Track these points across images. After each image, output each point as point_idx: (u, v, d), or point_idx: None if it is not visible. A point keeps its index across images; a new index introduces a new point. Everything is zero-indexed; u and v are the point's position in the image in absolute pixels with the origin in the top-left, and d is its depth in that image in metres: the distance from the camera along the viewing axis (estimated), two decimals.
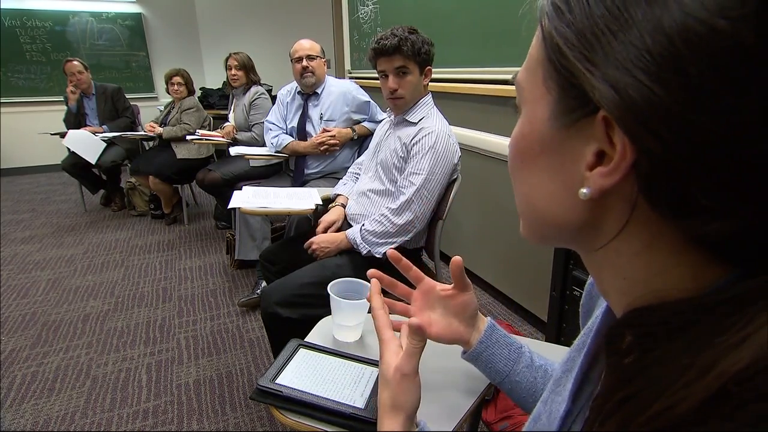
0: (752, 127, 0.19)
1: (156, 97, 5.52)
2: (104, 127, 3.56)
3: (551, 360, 0.65)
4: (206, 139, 3.02)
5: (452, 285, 0.66)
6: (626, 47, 0.22)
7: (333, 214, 1.51)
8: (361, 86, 2.25)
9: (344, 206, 1.56)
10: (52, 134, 3.58)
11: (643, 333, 0.25)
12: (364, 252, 1.35)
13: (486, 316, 0.68)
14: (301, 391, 0.72)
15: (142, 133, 3.50)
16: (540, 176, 0.30)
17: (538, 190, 0.30)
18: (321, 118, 2.16)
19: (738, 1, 0.19)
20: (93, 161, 3.33)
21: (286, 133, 2.26)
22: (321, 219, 1.51)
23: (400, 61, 1.32)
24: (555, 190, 0.29)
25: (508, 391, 0.64)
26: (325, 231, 1.46)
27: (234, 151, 2.55)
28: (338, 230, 1.47)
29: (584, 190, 0.26)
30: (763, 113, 0.19)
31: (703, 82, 0.19)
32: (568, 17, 0.24)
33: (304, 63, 2.08)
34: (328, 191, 1.73)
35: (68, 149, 3.32)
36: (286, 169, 2.45)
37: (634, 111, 0.21)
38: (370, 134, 2.17)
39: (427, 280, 0.68)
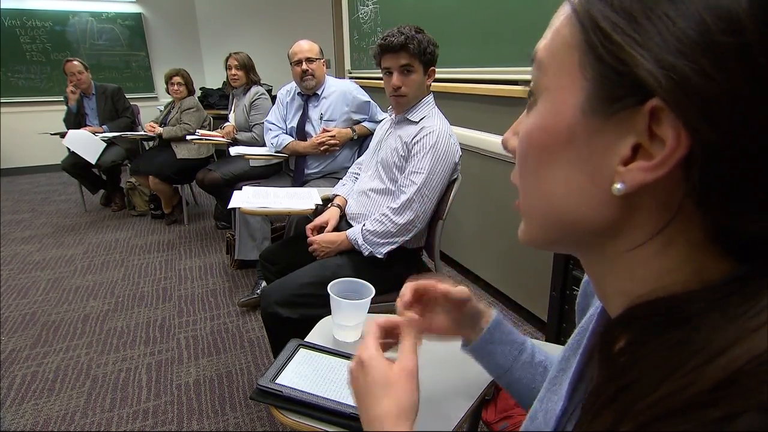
0: None
1: (156, 97, 5.52)
2: (104, 127, 3.56)
3: (552, 355, 0.63)
4: (206, 139, 3.02)
5: (450, 290, 0.60)
6: (685, 31, 0.20)
7: (325, 215, 1.51)
8: (361, 86, 2.25)
9: (340, 207, 1.56)
10: (52, 134, 3.58)
11: (642, 327, 0.24)
12: (366, 254, 1.35)
13: (493, 309, 0.64)
14: (301, 391, 0.72)
15: (142, 133, 3.50)
16: (561, 172, 0.27)
17: (558, 187, 0.28)
18: (321, 118, 2.16)
19: None
20: (93, 161, 3.33)
21: (286, 133, 2.26)
22: (315, 219, 1.51)
23: (405, 58, 1.32)
24: (580, 187, 0.26)
25: (506, 385, 0.62)
26: (316, 230, 1.46)
27: (234, 151, 2.56)
28: (333, 230, 1.47)
29: (618, 186, 0.24)
30: None
31: None
32: None
33: (304, 66, 2.08)
34: (328, 191, 1.73)
35: (68, 149, 3.32)
36: (286, 169, 2.45)
37: (694, 99, 0.20)
38: (370, 134, 2.17)
39: (428, 283, 0.61)
